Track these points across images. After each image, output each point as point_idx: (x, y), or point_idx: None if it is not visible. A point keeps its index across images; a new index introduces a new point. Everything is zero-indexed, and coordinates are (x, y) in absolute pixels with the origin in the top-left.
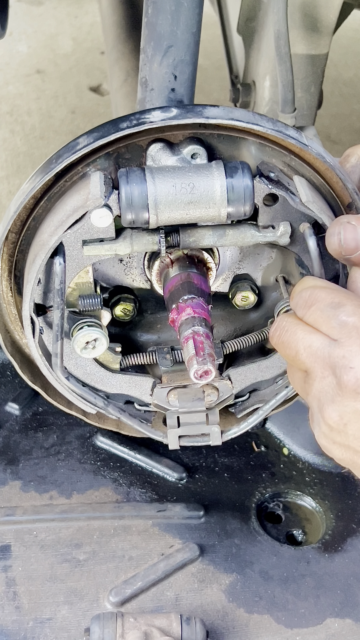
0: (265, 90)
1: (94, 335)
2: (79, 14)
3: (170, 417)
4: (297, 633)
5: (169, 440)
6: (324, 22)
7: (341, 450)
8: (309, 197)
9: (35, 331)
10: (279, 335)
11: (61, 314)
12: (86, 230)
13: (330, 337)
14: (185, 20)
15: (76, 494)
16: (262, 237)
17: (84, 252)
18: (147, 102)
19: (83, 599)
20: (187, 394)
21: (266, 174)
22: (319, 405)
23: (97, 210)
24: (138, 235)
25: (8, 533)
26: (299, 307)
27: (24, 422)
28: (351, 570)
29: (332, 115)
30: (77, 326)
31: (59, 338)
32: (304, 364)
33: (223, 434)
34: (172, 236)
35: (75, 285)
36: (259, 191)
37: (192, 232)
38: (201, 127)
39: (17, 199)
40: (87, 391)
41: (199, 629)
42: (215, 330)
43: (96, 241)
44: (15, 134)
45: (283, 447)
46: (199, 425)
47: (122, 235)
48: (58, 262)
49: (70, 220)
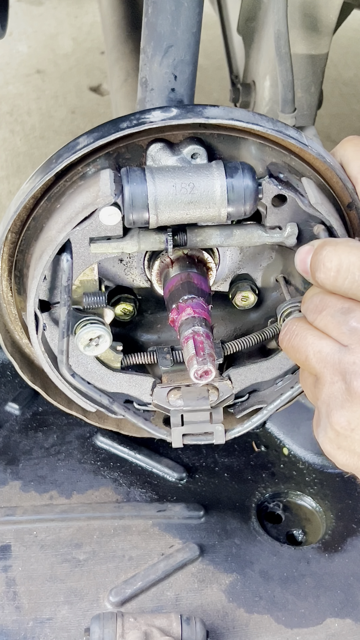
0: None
1: (97, 332)
2: (79, 14)
3: (174, 415)
4: (297, 633)
5: (173, 439)
6: (324, 22)
7: (346, 455)
8: (318, 199)
9: (39, 327)
10: (288, 339)
11: (67, 311)
12: (94, 228)
13: (341, 343)
14: (185, 20)
15: (76, 494)
16: (269, 237)
17: (91, 249)
18: (147, 102)
19: (83, 599)
20: (192, 393)
21: (275, 174)
22: (327, 410)
23: (106, 208)
24: (145, 234)
25: (8, 533)
26: (310, 312)
27: (24, 422)
28: (351, 570)
29: (332, 115)
30: (81, 323)
31: (64, 335)
32: (314, 369)
33: (227, 433)
34: (179, 235)
35: (79, 282)
36: (268, 192)
37: (199, 231)
38: (201, 127)
39: (17, 199)
40: (92, 389)
41: (199, 629)
42: (215, 330)
43: (103, 239)
44: (15, 134)
45: (283, 447)
46: (203, 424)
47: (129, 234)
48: (65, 258)
49: (80, 217)
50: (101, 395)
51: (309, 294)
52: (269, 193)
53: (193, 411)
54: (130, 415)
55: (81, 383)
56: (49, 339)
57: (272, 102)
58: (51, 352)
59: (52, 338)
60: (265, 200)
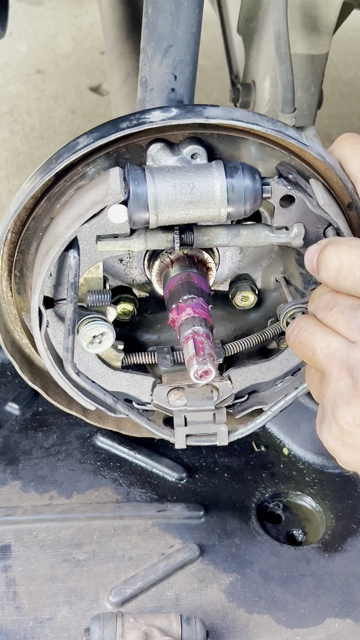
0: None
1: (101, 329)
2: (79, 14)
3: (177, 415)
4: (297, 633)
5: (177, 439)
6: (324, 22)
7: (349, 452)
8: (326, 201)
9: (42, 324)
10: (296, 335)
11: (74, 308)
12: (102, 226)
13: (349, 339)
14: (185, 20)
15: (76, 494)
16: (276, 238)
17: (98, 247)
18: (147, 102)
19: (83, 599)
20: (196, 393)
21: (285, 175)
22: (333, 406)
23: (115, 206)
24: (152, 232)
25: (8, 533)
26: (320, 309)
27: (24, 422)
28: (351, 570)
29: (332, 115)
30: (84, 320)
31: (70, 332)
32: (320, 364)
33: (230, 434)
34: (186, 234)
35: (84, 280)
36: (277, 192)
37: (206, 230)
38: (201, 127)
39: (17, 199)
40: (97, 387)
41: (199, 629)
42: (215, 330)
43: (110, 237)
44: (15, 134)
45: (283, 447)
46: (206, 425)
47: (136, 232)
48: (72, 255)
49: (88, 214)
50: (105, 394)
51: (318, 292)
52: (278, 193)
53: (196, 411)
54: (134, 414)
55: (85, 381)
56: (52, 336)
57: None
58: (53, 349)
59: (54, 335)
60: (273, 201)
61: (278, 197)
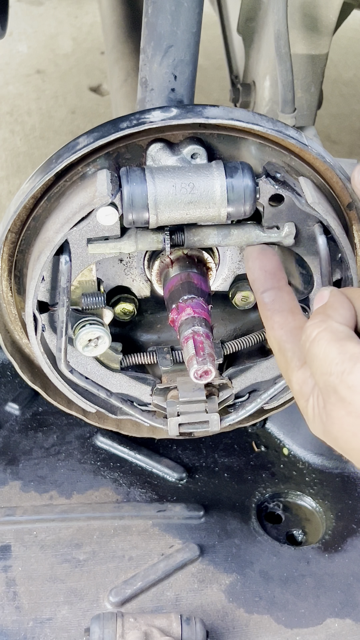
0: (265, 90)
1: (96, 333)
2: (79, 14)
3: (170, 405)
4: (297, 633)
5: (169, 427)
6: (324, 22)
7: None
8: (315, 199)
9: (38, 329)
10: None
11: (66, 312)
12: (91, 228)
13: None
14: (185, 20)
15: (76, 494)
16: (267, 237)
17: (89, 250)
18: (147, 102)
19: (83, 599)
20: (188, 384)
21: (272, 174)
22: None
23: (103, 208)
24: (143, 234)
25: (8, 533)
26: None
27: (24, 422)
28: (351, 570)
29: (332, 115)
30: (80, 324)
31: (63, 334)
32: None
33: (222, 421)
34: (177, 235)
35: (78, 283)
36: (265, 192)
37: (196, 231)
38: (201, 127)
39: (17, 199)
40: (90, 383)
41: (199, 629)
42: (215, 330)
43: (101, 239)
44: (15, 134)
45: (283, 447)
46: (199, 414)
47: (126, 234)
48: (64, 260)
49: (77, 218)
50: (99, 389)
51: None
52: (266, 193)
53: (189, 402)
54: (128, 406)
55: (79, 378)
56: (48, 340)
57: (272, 102)
58: (50, 353)
59: (51, 339)
60: (262, 200)
61: (266, 196)
